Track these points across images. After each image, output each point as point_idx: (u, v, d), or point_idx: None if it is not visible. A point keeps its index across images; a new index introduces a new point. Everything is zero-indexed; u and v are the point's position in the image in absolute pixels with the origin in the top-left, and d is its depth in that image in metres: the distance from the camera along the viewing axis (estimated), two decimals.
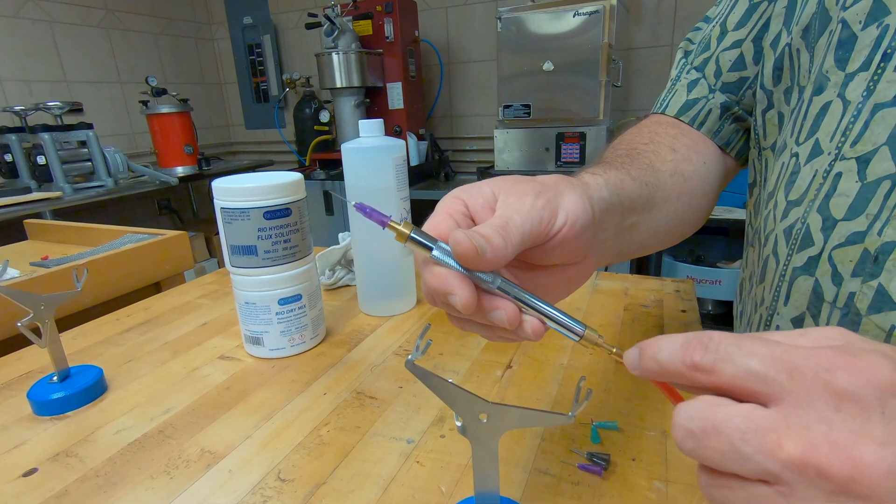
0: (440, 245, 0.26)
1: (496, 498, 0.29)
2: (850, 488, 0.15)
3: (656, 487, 0.34)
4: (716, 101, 0.46)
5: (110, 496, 0.35)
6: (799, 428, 0.16)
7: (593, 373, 0.48)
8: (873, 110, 0.30)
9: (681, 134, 0.46)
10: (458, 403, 0.27)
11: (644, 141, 0.44)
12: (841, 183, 0.32)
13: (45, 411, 0.45)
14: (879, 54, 0.30)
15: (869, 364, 0.16)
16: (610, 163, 0.38)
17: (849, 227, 0.31)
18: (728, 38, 0.45)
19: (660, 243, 0.42)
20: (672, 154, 0.43)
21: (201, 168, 2.34)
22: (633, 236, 0.37)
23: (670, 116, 0.48)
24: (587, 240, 0.30)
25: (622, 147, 0.43)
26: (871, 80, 0.31)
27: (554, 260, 0.30)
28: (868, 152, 0.30)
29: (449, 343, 0.55)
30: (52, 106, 1.90)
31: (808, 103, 0.35)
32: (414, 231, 0.26)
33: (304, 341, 0.54)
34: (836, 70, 0.33)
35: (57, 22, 2.19)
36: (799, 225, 0.34)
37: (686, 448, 0.18)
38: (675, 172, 0.42)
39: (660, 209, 0.39)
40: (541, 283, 0.31)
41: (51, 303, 0.45)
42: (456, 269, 0.26)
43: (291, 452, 0.39)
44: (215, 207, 0.49)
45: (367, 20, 2.11)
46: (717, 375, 0.18)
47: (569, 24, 1.74)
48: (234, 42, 2.86)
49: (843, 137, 0.32)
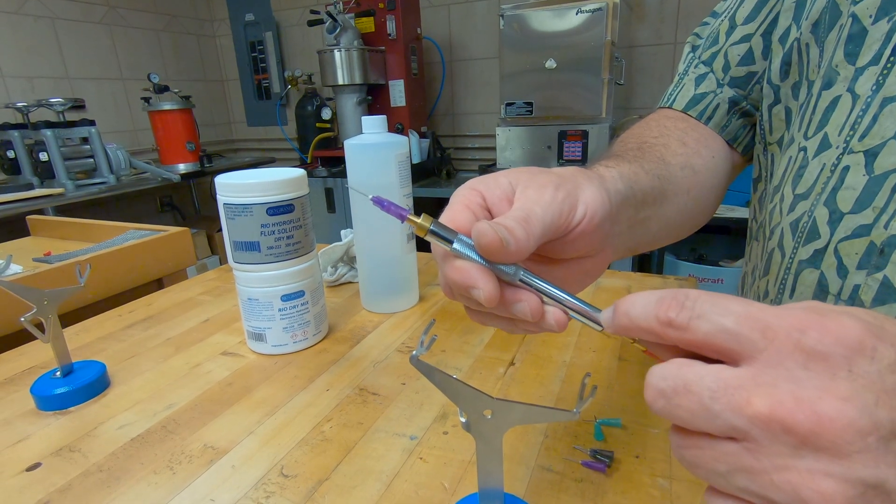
0: (461, 238, 0.26)
1: (500, 494, 0.29)
2: (812, 441, 0.15)
3: (660, 484, 0.34)
4: (724, 96, 0.46)
5: (113, 491, 0.35)
6: (767, 386, 0.16)
7: (597, 370, 0.48)
8: (882, 104, 0.30)
9: (690, 128, 0.46)
10: (462, 399, 0.27)
11: (654, 135, 0.44)
12: (848, 176, 0.32)
13: (48, 406, 0.45)
14: (890, 48, 0.30)
15: (839, 325, 0.16)
16: (622, 156, 0.38)
17: (855, 220, 0.31)
18: (737, 32, 0.45)
19: (669, 237, 0.42)
20: (682, 148, 0.43)
21: (203, 165, 2.34)
22: (646, 229, 0.37)
23: (678, 111, 0.48)
24: (605, 232, 0.29)
25: (632, 141, 0.43)
26: (881, 75, 0.31)
27: (571, 253, 0.29)
28: (876, 146, 0.30)
29: (451, 340, 0.55)
30: (54, 102, 1.90)
31: (817, 97, 0.35)
32: (434, 224, 0.26)
33: (306, 338, 0.54)
34: (846, 64, 0.33)
35: (59, 18, 2.19)
36: (806, 218, 0.34)
37: (657, 407, 0.18)
38: (686, 166, 0.42)
39: (671, 202, 0.39)
40: (557, 276, 0.30)
41: (54, 298, 0.45)
42: (478, 262, 0.25)
43: (294, 448, 0.39)
44: (218, 203, 0.49)
45: (370, 17, 2.10)
46: (692, 333, 0.18)
47: (571, 21, 1.74)
48: (235, 39, 2.86)
49: (851, 131, 0.32)
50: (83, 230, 0.99)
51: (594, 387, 0.24)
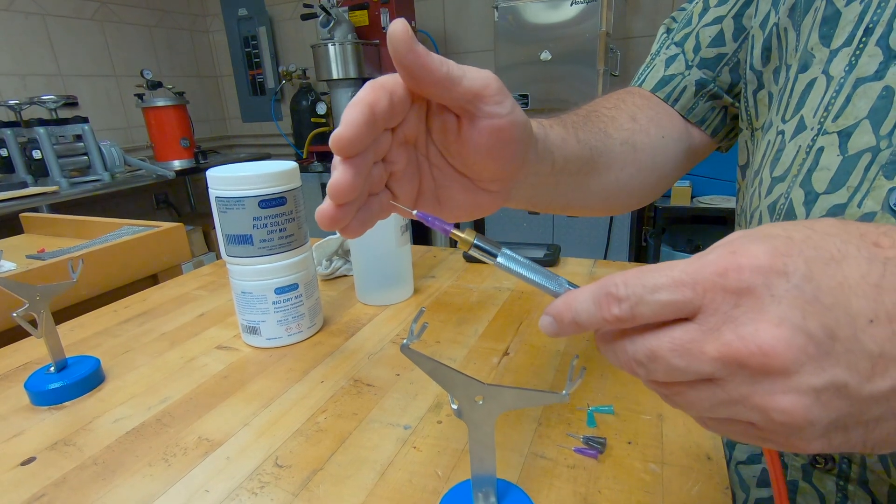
0: (505, 252, 0.26)
1: (492, 480, 0.30)
2: (763, 368, 0.17)
3: (652, 469, 0.34)
4: (691, 79, 0.46)
5: (108, 483, 0.35)
6: (712, 332, 0.18)
7: (590, 359, 0.48)
8: (855, 84, 0.31)
9: (647, 106, 0.46)
10: (453, 386, 0.27)
11: (608, 106, 0.44)
12: (823, 157, 0.32)
13: (42, 401, 0.45)
14: (861, 29, 0.31)
15: (749, 256, 0.18)
16: (564, 121, 0.38)
17: (830, 199, 0.31)
18: (709, 14, 0.45)
19: (590, 208, 0.43)
20: (630, 123, 0.43)
21: (198, 161, 2.33)
22: (557, 193, 0.38)
23: (646, 91, 0.48)
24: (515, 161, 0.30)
25: (584, 109, 0.43)
26: (854, 56, 0.31)
27: (480, 158, 0.29)
28: (849, 126, 0.31)
29: (446, 331, 0.55)
30: (46, 100, 1.89)
31: (794, 81, 0.35)
32: (478, 238, 0.26)
33: (301, 330, 0.54)
34: (821, 47, 0.33)
35: (50, 15, 2.17)
36: (782, 200, 0.34)
37: (640, 375, 0.21)
38: (626, 142, 0.42)
39: (600, 175, 0.40)
40: (454, 195, 0.31)
41: (46, 293, 0.45)
42: (525, 276, 0.25)
43: (289, 439, 0.39)
44: (210, 196, 0.49)
45: (363, 10, 2.09)
46: (639, 318, 0.19)
47: (566, 13, 1.73)
48: (229, 34, 2.84)
49: (825, 112, 0.32)
50: (77, 227, 0.99)
51: (583, 368, 0.25)
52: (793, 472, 0.37)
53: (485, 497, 0.30)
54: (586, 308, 0.21)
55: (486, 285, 0.66)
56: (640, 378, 0.21)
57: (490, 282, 0.67)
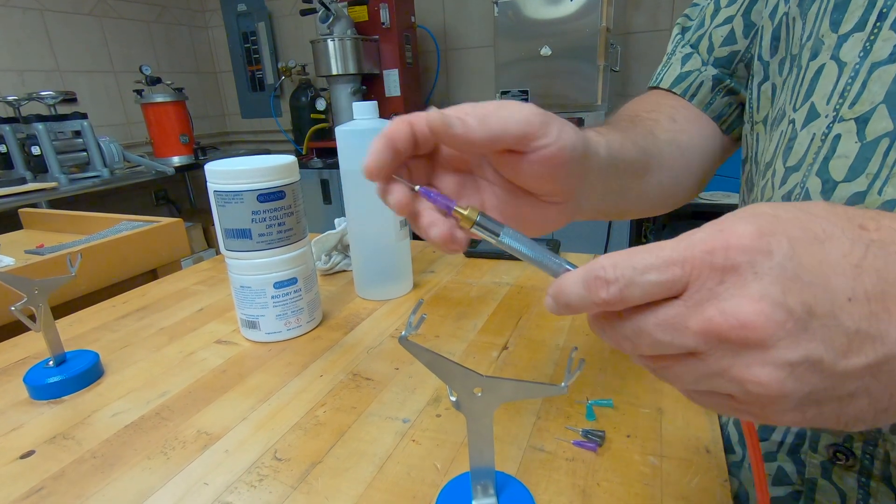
0: (507, 230, 0.26)
1: (491, 472, 0.30)
2: (743, 342, 0.18)
3: (651, 462, 0.34)
4: (707, 74, 0.46)
5: (107, 476, 0.35)
6: (696, 307, 0.19)
7: (590, 352, 0.48)
8: (870, 69, 0.30)
9: (681, 106, 0.47)
10: (452, 378, 0.27)
11: (647, 109, 0.45)
12: (840, 145, 0.32)
13: (41, 395, 0.45)
14: (875, 14, 0.30)
15: (736, 235, 0.18)
16: (615, 126, 0.39)
17: (849, 188, 0.31)
18: (721, 14, 0.45)
19: (644, 210, 0.43)
20: (671, 124, 0.44)
21: (197, 158, 2.33)
22: (622, 198, 0.38)
23: (665, 89, 0.48)
24: (571, 174, 0.30)
25: (626, 113, 0.44)
26: (868, 40, 0.31)
27: (536, 181, 0.30)
28: (866, 112, 0.30)
29: (445, 325, 0.55)
30: (45, 96, 1.88)
31: (804, 69, 0.35)
32: (480, 216, 0.26)
33: (300, 325, 0.54)
34: (830, 33, 0.33)
35: (48, 10, 2.16)
36: (798, 190, 0.34)
37: (626, 349, 0.21)
38: (672, 142, 0.42)
39: (653, 176, 0.40)
40: (521, 211, 0.31)
41: (45, 287, 0.45)
42: (528, 255, 0.25)
43: (288, 433, 0.39)
44: (209, 190, 0.49)
45: (363, 6, 2.08)
46: (630, 300, 0.20)
47: (566, 8, 1.72)
48: (228, 30, 2.83)
49: (840, 99, 0.32)
50: (76, 222, 0.99)
51: (581, 360, 0.24)
52: (811, 470, 0.36)
53: (483, 489, 0.30)
54: (576, 292, 0.21)
55: (485, 280, 0.66)
56: (627, 352, 0.21)
57: (489, 276, 0.67)
